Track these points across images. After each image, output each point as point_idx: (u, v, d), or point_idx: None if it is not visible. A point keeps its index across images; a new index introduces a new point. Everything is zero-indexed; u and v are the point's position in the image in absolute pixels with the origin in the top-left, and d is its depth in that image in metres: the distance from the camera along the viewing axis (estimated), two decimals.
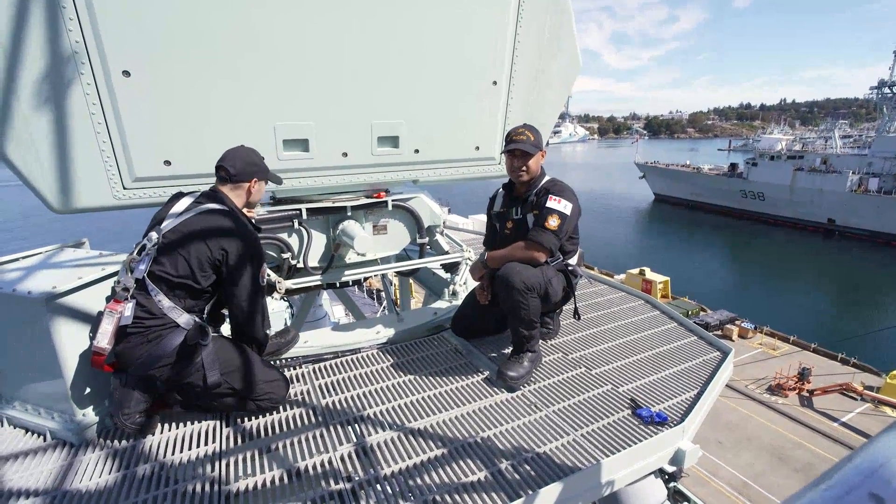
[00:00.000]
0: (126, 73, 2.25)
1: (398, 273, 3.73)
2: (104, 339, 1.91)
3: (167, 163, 2.49)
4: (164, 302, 1.97)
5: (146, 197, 2.51)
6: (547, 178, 2.74)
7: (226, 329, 2.36)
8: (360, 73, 2.70)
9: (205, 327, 2.06)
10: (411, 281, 5.08)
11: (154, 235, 2.02)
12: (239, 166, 2.19)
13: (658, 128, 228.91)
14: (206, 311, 2.18)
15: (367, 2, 2.55)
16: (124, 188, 2.44)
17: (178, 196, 2.19)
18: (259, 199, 2.37)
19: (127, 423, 2.04)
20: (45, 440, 2.10)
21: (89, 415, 2.11)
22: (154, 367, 1.97)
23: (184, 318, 2.00)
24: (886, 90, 42.01)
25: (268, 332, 2.44)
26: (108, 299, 2.03)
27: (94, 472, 1.92)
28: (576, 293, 2.79)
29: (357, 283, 3.35)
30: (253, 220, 2.42)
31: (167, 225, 2.04)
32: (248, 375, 2.18)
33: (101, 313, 1.95)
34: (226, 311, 2.28)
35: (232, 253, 2.05)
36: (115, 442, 2.09)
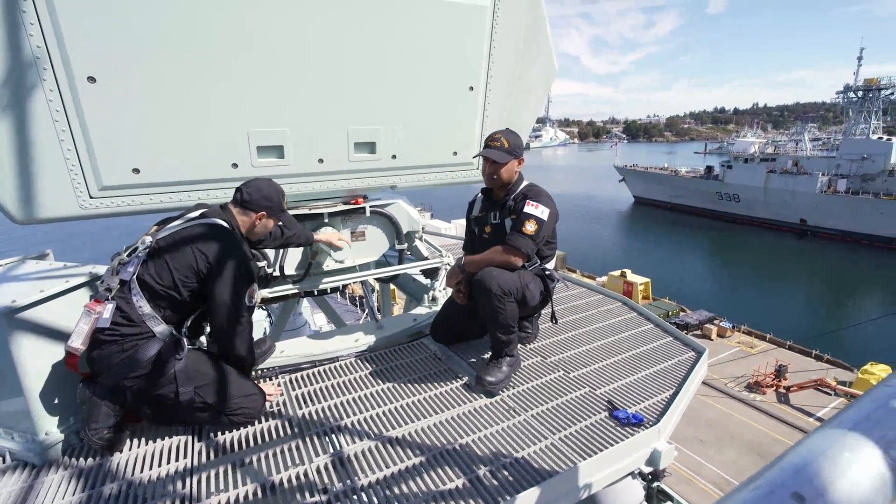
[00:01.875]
0: (91, 79, 2.19)
1: (378, 279, 3.71)
2: (79, 340, 1.87)
3: (136, 171, 2.43)
4: (145, 308, 1.94)
5: (114, 206, 2.44)
6: (525, 183, 2.76)
7: (207, 342, 2.30)
8: (335, 79, 2.68)
9: (180, 340, 2.02)
10: (393, 287, 5.05)
11: (148, 239, 2.03)
12: (254, 196, 2.23)
13: (636, 131, 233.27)
14: (186, 324, 2.14)
15: (342, 9, 2.54)
16: (91, 197, 2.37)
17: (197, 208, 2.21)
18: (262, 234, 2.35)
19: (94, 438, 1.97)
20: (3, 462, 2.01)
21: (52, 434, 2.02)
22: (127, 376, 1.93)
23: (160, 328, 1.97)
24: (852, 94, 43.68)
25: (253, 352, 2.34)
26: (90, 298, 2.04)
27: (58, 493, 1.84)
28: (553, 297, 2.81)
29: (336, 289, 3.32)
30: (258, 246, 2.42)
31: (165, 232, 2.05)
32: (222, 390, 2.12)
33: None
34: (207, 326, 2.24)
35: (216, 268, 2.01)
36: (80, 461, 2.01)
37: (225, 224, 2.13)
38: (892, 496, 0.39)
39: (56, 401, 2.04)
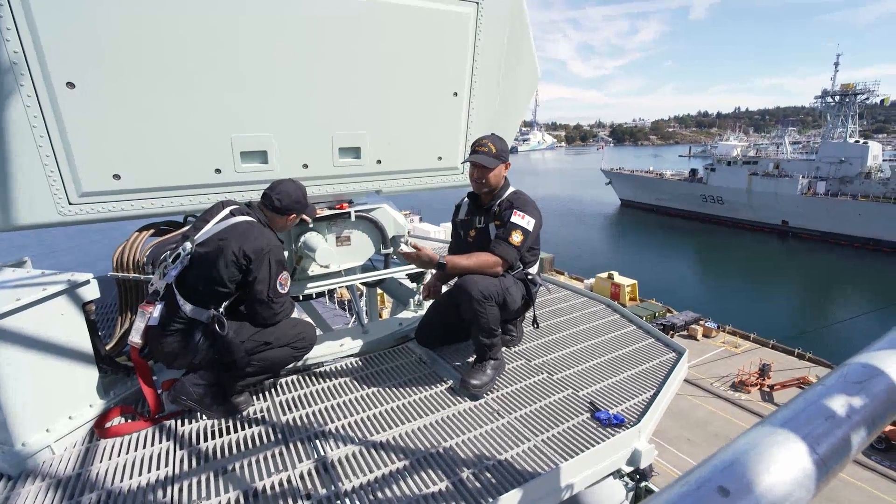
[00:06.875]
0: (70, 85, 2.17)
1: (364, 284, 3.70)
2: (137, 336, 2.18)
3: (116, 177, 2.41)
4: (187, 306, 2.18)
5: (94, 212, 2.41)
6: (511, 189, 2.79)
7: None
8: (319, 84, 2.69)
9: (221, 318, 2.22)
10: (380, 291, 5.04)
11: (188, 245, 2.21)
12: (285, 202, 2.42)
13: (622, 135, 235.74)
14: (225, 304, 2.31)
15: (326, 14, 2.56)
16: (70, 203, 2.34)
17: (223, 205, 2.39)
18: (290, 228, 2.65)
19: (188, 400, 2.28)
20: None
21: (29, 444, 1.99)
22: (193, 359, 2.24)
23: (205, 316, 2.22)
24: (829, 99, 44.79)
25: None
26: (146, 295, 2.32)
27: None
28: (535, 301, 2.84)
29: (322, 294, 3.31)
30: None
31: (202, 235, 2.24)
32: (272, 336, 2.37)
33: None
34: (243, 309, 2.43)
35: (254, 262, 2.22)
36: (59, 471, 1.98)
37: (256, 220, 2.35)
38: (814, 490, 0.42)
39: (33, 411, 2.01)
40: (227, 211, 2.35)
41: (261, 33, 2.45)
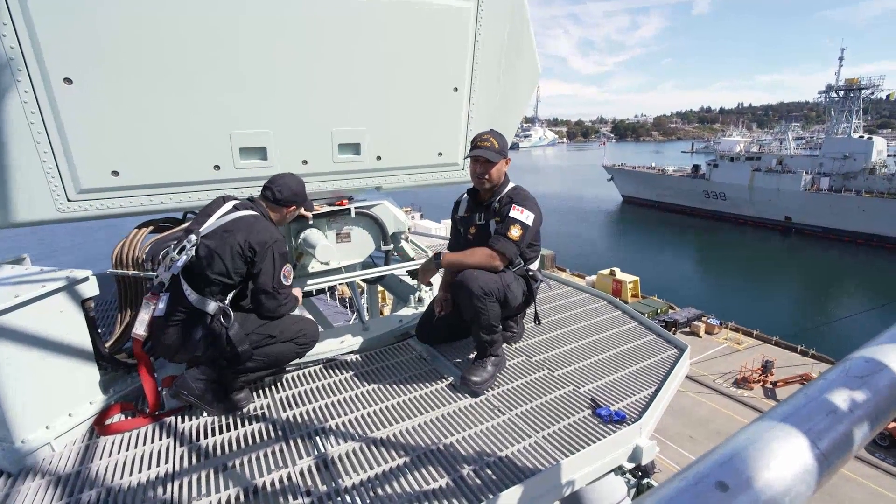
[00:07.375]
0: (68, 81, 2.16)
1: (364, 280, 3.70)
2: (141, 328, 2.19)
3: (115, 173, 2.40)
4: (193, 296, 2.20)
5: (93, 209, 2.41)
6: (511, 185, 2.77)
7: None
8: (318, 80, 2.68)
9: (227, 310, 2.25)
10: (381, 288, 5.03)
11: (193, 237, 2.23)
12: (285, 194, 2.48)
13: (624, 131, 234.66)
14: (229, 296, 2.34)
15: (325, 10, 2.54)
16: (68, 200, 2.33)
17: (223, 200, 2.43)
18: (289, 220, 2.69)
19: (189, 395, 2.26)
20: None
21: (29, 441, 1.99)
22: (194, 351, 2.24)
23: (211, 307, 2.22)
24: (833, 94, 44.48)
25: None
26: (146, 291, 2.34)
27: (35, 501, 1.81)
28: (537, 297, 2.83)
29: (322, 291, 3.30)
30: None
31: (206, 227, 2.27)
32: (276, 330, 2.41)
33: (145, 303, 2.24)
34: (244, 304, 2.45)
35: (259, 254, 2.25)
36: (58, 468, 1.98)
37: (260, 214, 2.40)
38: (815, 486, 0.41)
39: (33, 408, 2.01)
40: (230, 205, 2.38)
41: (260, 29, 2.44)
